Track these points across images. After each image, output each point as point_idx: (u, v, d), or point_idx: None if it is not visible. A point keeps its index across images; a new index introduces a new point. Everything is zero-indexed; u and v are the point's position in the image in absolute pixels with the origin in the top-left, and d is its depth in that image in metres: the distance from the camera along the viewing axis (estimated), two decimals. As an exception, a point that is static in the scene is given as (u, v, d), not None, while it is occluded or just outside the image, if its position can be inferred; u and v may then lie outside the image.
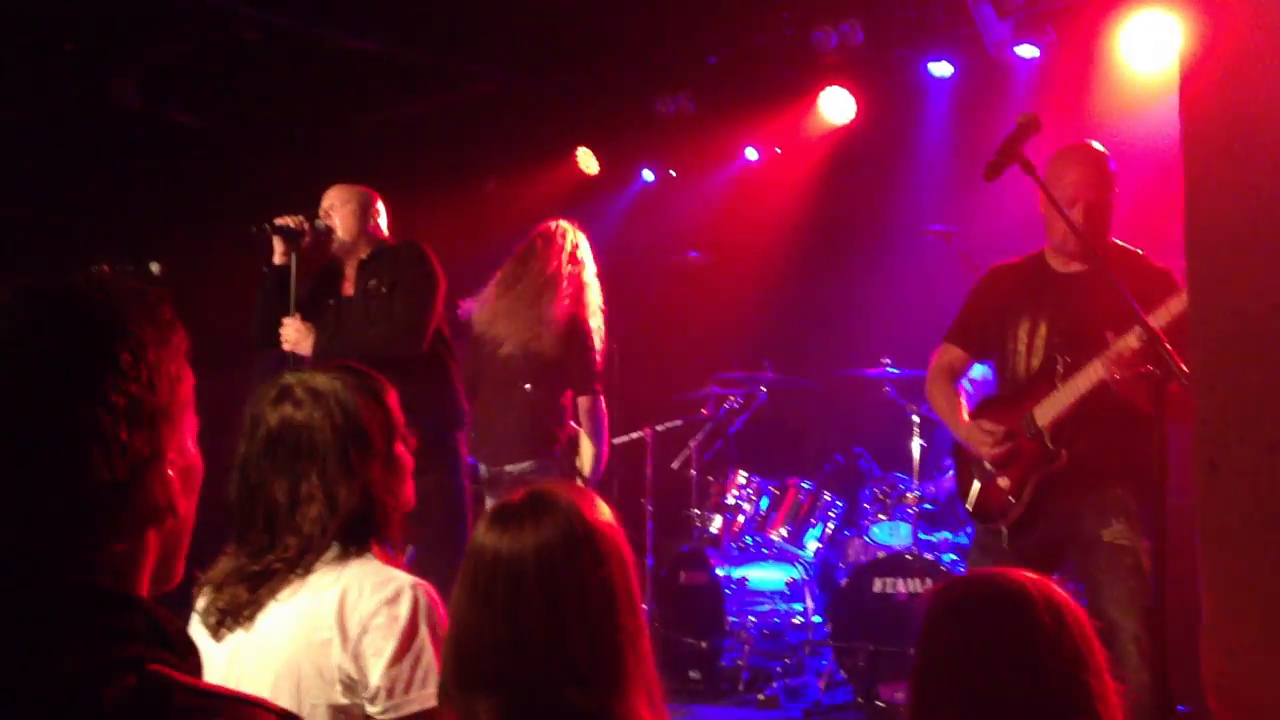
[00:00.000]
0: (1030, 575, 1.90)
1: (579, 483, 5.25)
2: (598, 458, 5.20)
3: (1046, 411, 3.77)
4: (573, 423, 5.23)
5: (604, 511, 1.83)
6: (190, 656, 1.17)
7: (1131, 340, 3.48)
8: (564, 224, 5.31)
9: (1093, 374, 3.63)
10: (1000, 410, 3.94)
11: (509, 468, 5.14)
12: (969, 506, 4.00)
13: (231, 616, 2.18)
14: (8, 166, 7.29)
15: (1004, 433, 3.83)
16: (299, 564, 2.17)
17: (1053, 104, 5.97)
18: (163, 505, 1.21)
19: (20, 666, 1.07)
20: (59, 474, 1.13)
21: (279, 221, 4.55)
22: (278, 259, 4.61)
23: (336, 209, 4.68)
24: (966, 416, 4.01)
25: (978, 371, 6.12)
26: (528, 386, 5.09)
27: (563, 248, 5.21)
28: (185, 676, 1.14)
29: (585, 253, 5.28)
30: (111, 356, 1.16)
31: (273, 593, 2.17)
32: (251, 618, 2.17)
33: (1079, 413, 3.69)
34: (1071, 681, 1.79)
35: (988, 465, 3.91)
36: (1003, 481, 3.86)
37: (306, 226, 4.57)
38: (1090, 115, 5.96)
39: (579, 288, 5.19)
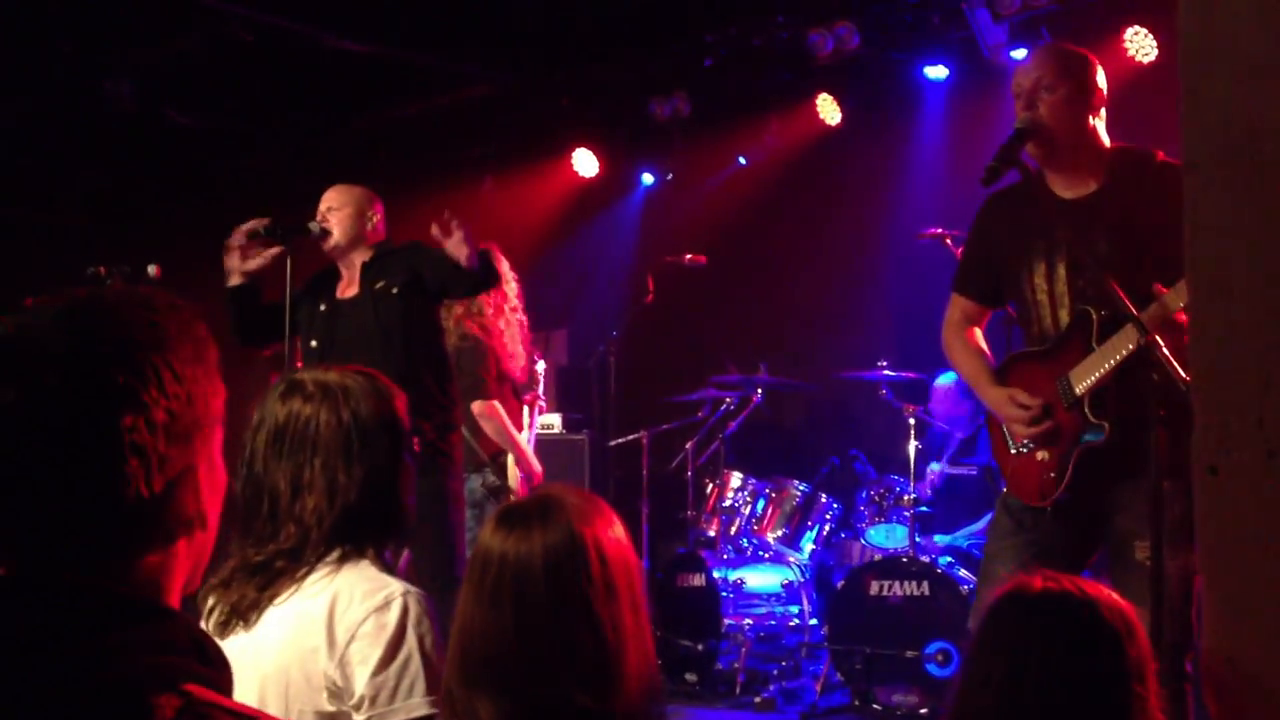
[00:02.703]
0: (1097, 585, 1.93)
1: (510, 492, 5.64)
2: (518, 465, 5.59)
3: (1083, 377, 3.27)
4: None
5: (609, 514, 1.86)
6: (225, 671, 1.19)
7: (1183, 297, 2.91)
8: None
9: (1129, 338, 3.09)
10: (1031, 369, 3.44)
11: None
12: (1006, 481, 3.53)
13: (238, 615, 2.18)
14: (3, 167, 7.28)
15: (1040, 407, 3.34)
16: (299, 558, 2.17)
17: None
18: (194, 517, 1.24)
19: (65, 680, 1.09)
20: (100, 487, 1.15)
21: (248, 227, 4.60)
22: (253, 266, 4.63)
23: (334, 211, 4.68)
24: (994, 380, 3.52)
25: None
26: None
27: None
28: (228, 700, 1.16)
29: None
30: (154, 372, 1.19)
31: (274, 595, 2.16)
32: (255, 618, 2.17)
33: (1121, 379, 3.18)
34: (1126, 690, 1.83)
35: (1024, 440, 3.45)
36: (1041, 455, 3.41)
37: (263, 226, 4.58)
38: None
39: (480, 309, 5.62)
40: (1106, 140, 3.44)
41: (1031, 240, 3.42)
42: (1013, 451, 3.48)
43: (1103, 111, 3.44)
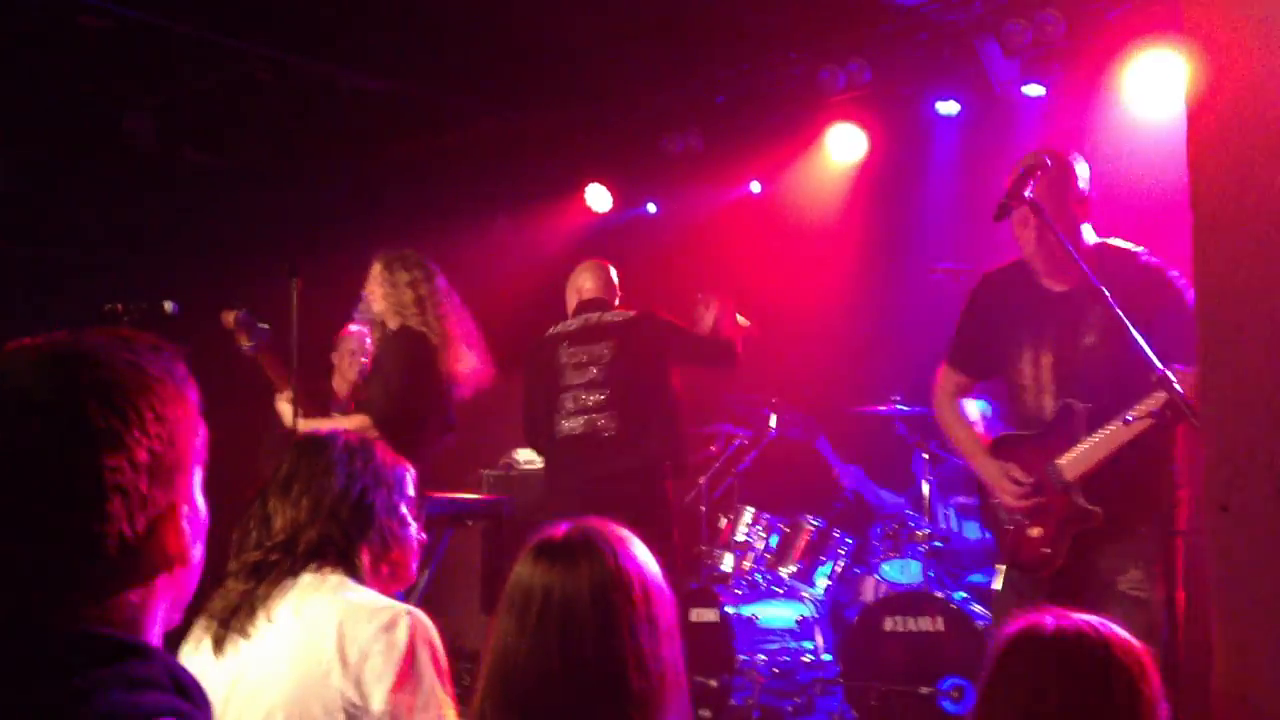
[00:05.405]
0: (1110, 625, 1.94)
1: None
2: None
3: (1074, 465, 3.53)
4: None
5: (644, 549, 1.90)
6: (204, 707, 1.21)
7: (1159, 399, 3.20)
8: None
9: (1121, 435, 3.40)
10: (1020, 450, 3.67)
11: None
12: (1004, 554, 3.74)
13: (237, 621, 2.23)
14: (24, 204, 7.35)
15: (1033, 485, 3.59)
16: (291, 551, 2.27)
17: (1059, 143, 5.99)
18: (175, 554, 1.25)
19: (46, 716, 1.10)
20: (83, 527, 1.18)
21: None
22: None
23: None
24: (988, 452, 3.75)
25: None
26: None
27: None
28: None
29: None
30: (137, 414, 1.21)
31: (271, 594, 2.22)
32: (255, 624, 2.21)
33: (1108, 466, 3.48)
34: None
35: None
36: (1034, 531, 3.61)
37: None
38: (1095, 154, 5.98)
39: None
40: (1092, 238, 3.64)
41: (1020, 327, 3.68)
42: (1007, 526, 3.70)
43: (1088, 209, 3.64)
